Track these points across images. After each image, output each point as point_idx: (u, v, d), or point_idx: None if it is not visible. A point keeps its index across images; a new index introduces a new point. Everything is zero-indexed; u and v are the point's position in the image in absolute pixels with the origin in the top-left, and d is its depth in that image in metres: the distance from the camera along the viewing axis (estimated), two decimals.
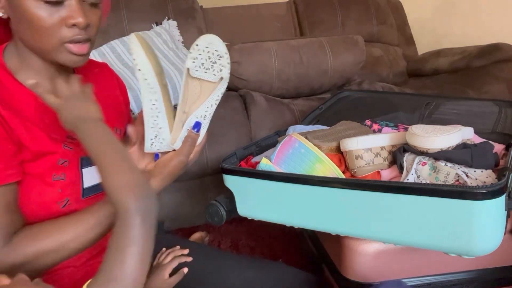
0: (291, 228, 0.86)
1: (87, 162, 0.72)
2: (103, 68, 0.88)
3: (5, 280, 0.50)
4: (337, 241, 0.86)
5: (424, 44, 2.63)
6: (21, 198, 0.66)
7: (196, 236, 1.50)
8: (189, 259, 0.86)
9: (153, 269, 0.84)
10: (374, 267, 0.82)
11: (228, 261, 0.90)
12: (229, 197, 0.89)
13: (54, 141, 0.68)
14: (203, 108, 0.70)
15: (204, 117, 0.71)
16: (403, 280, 0.84)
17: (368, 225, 0.74)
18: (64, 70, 0.73)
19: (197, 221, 1.55)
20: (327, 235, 0.82)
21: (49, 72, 0.70)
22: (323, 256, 1.00)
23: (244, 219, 0.90)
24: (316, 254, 1.05)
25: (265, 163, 0.84)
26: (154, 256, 0.88)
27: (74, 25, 0.63)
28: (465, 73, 2.12)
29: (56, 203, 0.69)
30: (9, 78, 0.67)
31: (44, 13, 0.61)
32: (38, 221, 0.67)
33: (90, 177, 0.73)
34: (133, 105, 1.64)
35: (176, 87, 1.71)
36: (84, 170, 0.72)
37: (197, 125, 0.71)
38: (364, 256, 0.82)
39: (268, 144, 1.10)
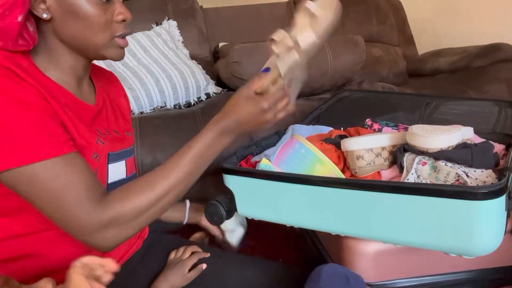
0: (291, 228, 0.86)
1: (113, 157, 0.75)
2: (111, 76, 0.92)
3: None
4: (337, 241, 0.86)
5: (424, 44, 2.62)
6: None
7: (196, 236, 1.50)
8: (207, 254, 0.88)
9: (172, 263, 0.86)
10: (374, 267, 0.82)
11: (228, 260, 0.90)
12: (229, 196, 0.89)
13: (91, 133, 0.71)
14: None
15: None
16: (403, 280, 0.84)
17: (368, 225, 0.74)
18: (87, 72, 0.77)
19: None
20: (327, 235, 0.82)
21: (76, 72, 0.73)
22: (323, 256, 1.00)
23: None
24: (316, 254, 1.05)
25: (265, 163, 0.84)
26: (167, 254, 0.90)
27: (123, 20, 0.70)
28: (465, 73, 2.12)
29: None
30: (41, 75, 0.68)
31: (99, 11, 0.67)
32: None
33: (114, 172, 0.76)
34: (133, 105, 1.64)
35: (176, 87, 1.71)
36: (110, 166, 0.74)
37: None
38: (364, 256, 0.82)
39: (268, 144, 1.10)
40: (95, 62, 0.80)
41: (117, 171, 0.76)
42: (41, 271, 0.71)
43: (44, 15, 0.66)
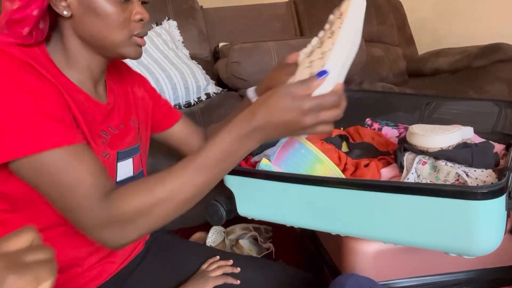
0: (291, 228, 0.86)
1: (122, 156, 0.75)
2: (123, 66, 0.90)
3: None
4: (337, 241, 0.86)
5: (424, 44, 2.63)
6: None
7: (196, 236, 1.50)
8: (236, 270, 0.87)
9: (197, 275, 0.85)
10: (374, 267, 0.82)
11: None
12: (229, 196, 0.89)
13: (100, 133, 0.72)
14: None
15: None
16: (403, 280, 0.84)
17: (368, 225, 0.74)
18: (104, 74, 0.77)
19: (197, 221, 1.55)
20: (327, 235, 0.82)
21: (93, 73, 0.74)
22: (323, 256, 1.00)
23: (244, 219, 0.90)
24: (316, 254, 1.05)
25: (264, 163, 0.84)
26: (166, 254, 0.90)
27: (141, 20, 0.72)
28: (465, 73, 2.12)
29: None
30: (56, 70, 0.68)
31: (118, 9, 0.69)
32: None
33: (123, 170, 0.76)
34: None
35: (176, 87, 1.71)
36: (119, 164, 0.75)
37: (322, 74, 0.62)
38: (364, 256, 0.82)
39: (268, 143, 1.10)
40: None
41: (125, 169, 0.77)
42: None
43: (65, 12, 0.67)
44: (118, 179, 0.75)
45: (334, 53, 0.64)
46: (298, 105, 0.59)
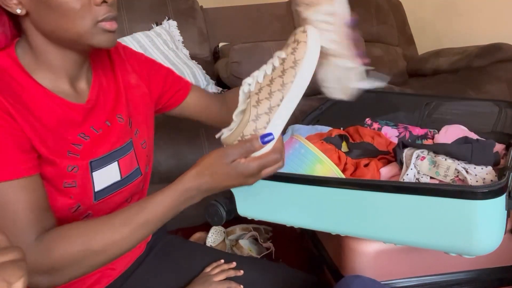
0: (291, 228, 0.86)
1: (97, 164, 0.70)
2: (119, 50, 0.82)
3: None
4: (337, 241, 0.86)
5: (424, 44, 2.62)
6: None
7: (196, 236, 1.50)
8: (239, 273, 0.86)
9: (200, 278, 0.85)
10: (374, 267, 0.82)
11: (229, 261, 0.90)
12: (229, 196, 0.89)
13: (62, 146, 0.66)
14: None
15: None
16: (403, 280, 0.84)
17: (368, 225, 0.74)
18: (82, 69, 0.71)
19: (197, 221, 1.55)
20: (327, 235, 0.82)
21: (68, 71, 0.68)
22: (323, 256, 1.00)
23: (244, 219, 0.90)
24: (316, 254, 1.05)
25: None
26: (167, 254, 0.89)
27: (104, 2, 0.63)
28: (466, 73, 2.12)
29: (67, 209, 0.67)
30: (24, 76, 0.64)
31: None
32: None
33: (100, 179, 0.70)
34: None
35: None
36: (94, 174, 0.69)
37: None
38: (364, 256, 0.82)
39: None
40: None
41: (106, 175, 0.71)
42: None
43: (18, 11, 0.61)
44: (98, 188, 0.70)
45: (281, 112, 0.63)
46: (240, 172, 0.62)
